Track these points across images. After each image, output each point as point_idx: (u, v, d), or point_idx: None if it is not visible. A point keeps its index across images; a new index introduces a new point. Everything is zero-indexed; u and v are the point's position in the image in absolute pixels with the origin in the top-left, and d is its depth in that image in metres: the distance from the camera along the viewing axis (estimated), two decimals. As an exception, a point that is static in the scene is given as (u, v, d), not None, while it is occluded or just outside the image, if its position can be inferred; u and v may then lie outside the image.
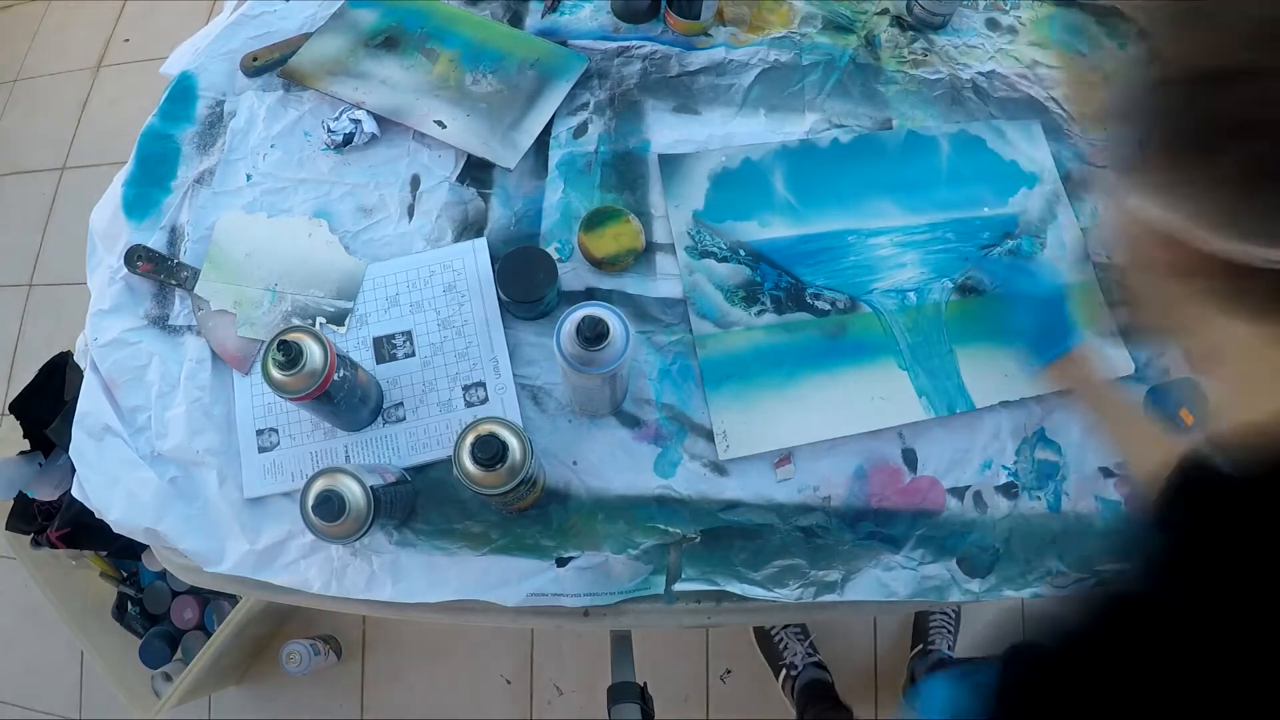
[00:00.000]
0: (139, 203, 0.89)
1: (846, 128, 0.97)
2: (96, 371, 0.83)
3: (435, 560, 0.77)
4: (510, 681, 1.51)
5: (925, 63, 1.02)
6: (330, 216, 0.89)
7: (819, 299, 0.88)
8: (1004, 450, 0.85)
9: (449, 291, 0.86)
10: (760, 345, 0.86)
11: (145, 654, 1.35)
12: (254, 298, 0.85)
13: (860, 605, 0.80)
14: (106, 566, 1.40)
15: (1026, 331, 0.83)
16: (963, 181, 0.95)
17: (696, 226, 0.90)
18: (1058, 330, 0.80)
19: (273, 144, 0.92)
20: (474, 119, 0.93)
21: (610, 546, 0.77)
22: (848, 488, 0.82)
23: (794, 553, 0.79)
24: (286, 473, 0.79)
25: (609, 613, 0.78)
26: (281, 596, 0.79)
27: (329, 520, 0.65)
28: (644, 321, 0.86)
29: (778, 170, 0.93)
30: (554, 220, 0.90)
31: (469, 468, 0.66)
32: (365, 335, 0.84)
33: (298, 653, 1.40)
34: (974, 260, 0.88)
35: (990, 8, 1.07)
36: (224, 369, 0.83)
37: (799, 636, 1.47)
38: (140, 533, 0.78)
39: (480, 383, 0.82)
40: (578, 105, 0.96)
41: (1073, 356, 0.79)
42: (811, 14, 1.03)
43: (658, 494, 0.80)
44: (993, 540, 0.81)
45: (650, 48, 0.99)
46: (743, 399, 0.83)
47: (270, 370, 0.68)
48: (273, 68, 0.96)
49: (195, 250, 0.87)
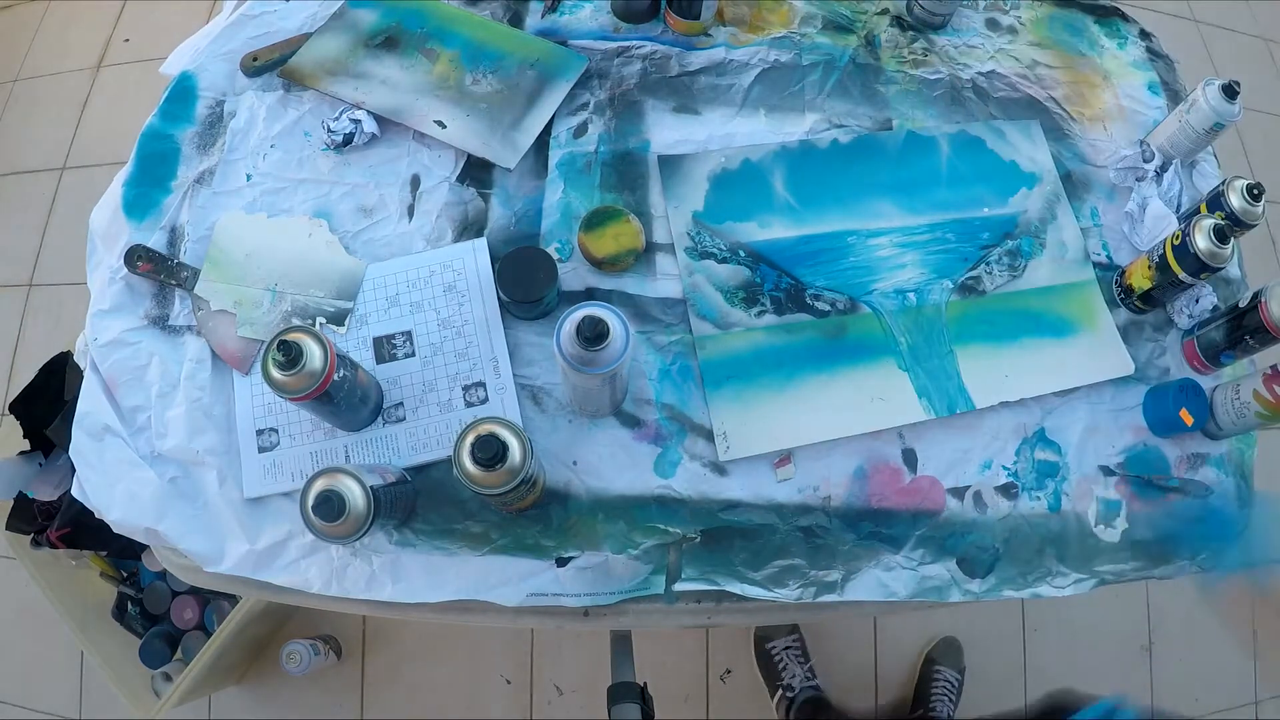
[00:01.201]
0: (139, 203, 0.89)
1: (846, 128, 0.97)
2: (96, 371, 0.83)
3: (435, 560, 0.77)
4: (510, 681, 1.51)
5: (925, 63, 1.02)
6: (330, 216, 0.89)
7: (819, 300, 0.88)
8: (1004, 450, 0.85)
9: (449, 291, 0.86)
10: (760, 346, 0.86)
11: (145, 654, 1.35)
12: (254, 298, 0.85)
13: (860, 605, 0.80)
14: (106, 566, 1.40)
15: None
16: (962, 182, 0.95)
17: (696, 228, 0.90)
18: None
19: (273, 144, 0.92)
20: (474, 119, 0.93)
21: (610, 546, 0.77)
22: (848, 488, 0.82)
23: (794, 553, 0.79)
24: (286, 473, 0.79)
25: (609, 613, 0.78)
26: (281, 596, 0.79)
27: (329, 520, 0.65)
28: (644, 321, 0.86)
29: (777, 171, 0.93)
30: (554, 220, 0.90)
31: (469, 468, 0.66)
32: (365, 335, 0.84)
33: (298, 653, 1.39)
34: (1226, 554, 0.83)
35: (990, 8, 1.07)
36: (224, 369, 0.83)
37: (799, 659, 1.46)
38: (140, 533, 0.78)
39: (480, 383, 0.82)
40: (578, 105, 0.96)
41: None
42: (811, 14, 1.03)
43: (658, 494, 0.80)
44: (993, 540, 0.81)
45: (650, 48, 0.99)
46: (743, 400, 0.83)
47: (270, 370, 0.68)
48: (273, 68, 0.96)
49: (195, 250, 0.87)
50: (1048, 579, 0.81)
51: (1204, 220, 0.82)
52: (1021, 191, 0.95)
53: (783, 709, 1.43)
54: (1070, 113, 1.01)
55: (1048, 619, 1.56)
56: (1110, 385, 0.88)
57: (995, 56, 1.03)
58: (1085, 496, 0.84)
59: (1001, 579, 0.80)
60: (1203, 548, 0.82)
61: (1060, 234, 0.94)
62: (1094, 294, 0.92)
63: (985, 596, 0.80)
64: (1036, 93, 1.02)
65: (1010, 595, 0.80)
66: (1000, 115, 1.00)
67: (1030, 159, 0.97)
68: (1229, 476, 0.86)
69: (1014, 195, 0.95)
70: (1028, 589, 0.80)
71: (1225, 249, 0.81)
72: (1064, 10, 1.08)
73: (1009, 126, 0.99)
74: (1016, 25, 1.06)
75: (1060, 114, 1.01)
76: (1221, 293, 0.92)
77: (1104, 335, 0.90)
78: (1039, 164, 0.97)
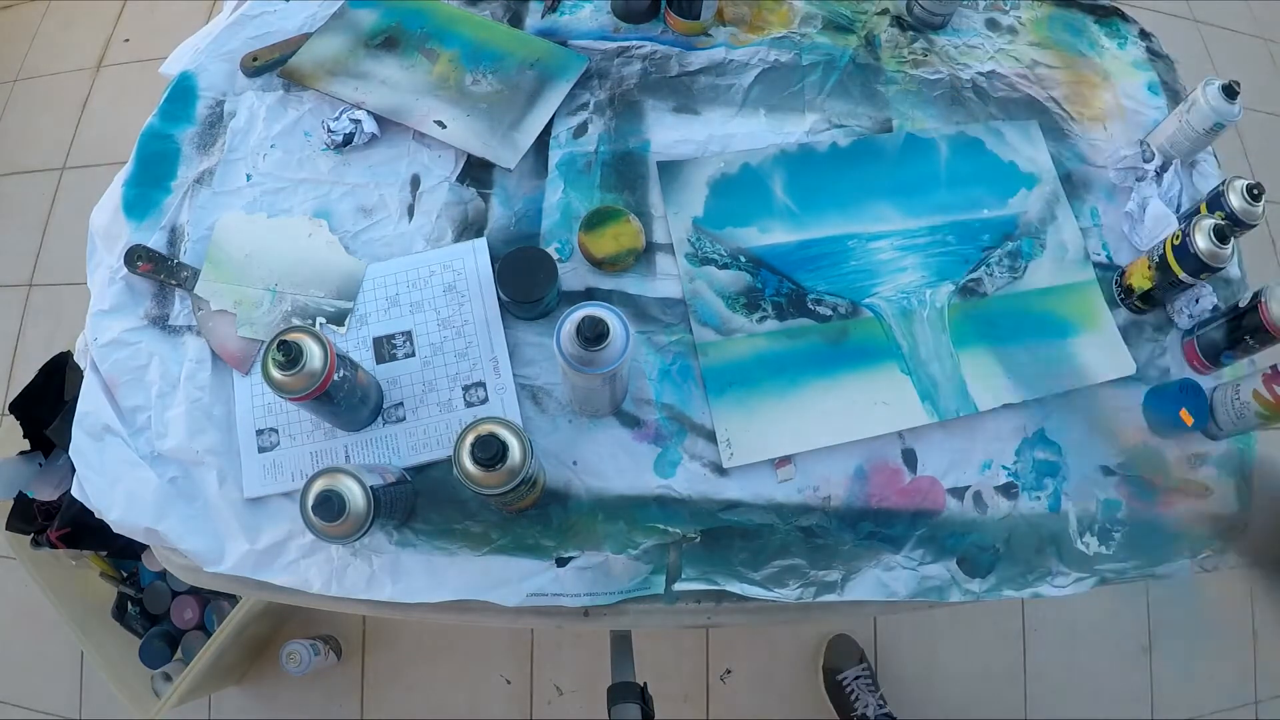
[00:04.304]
0: (139, 203, 0.89)
1: (846, 128, 0.97)
2: (96, 371, 0.83)
3: (435, 560, 0.77)
4: (510, 681, 1.51)
5: (925, 63, 1.02)
6: (330, 216, 0.89)
7: (820, 304, 0.88)
8: (1004, 450, 0.85)
9: (449, 291, 0.86)
10: (762, 352, 0.86)
11: (145, 654, 1.35)
12: (254, 298, 0.85)
13: (860, 605, 0.80)
14: (106, 566, 1.40)
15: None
16: (962, 184, 0.95)
17: (696, 233, 0.90)
18: None
19: (273, 144, 0.92)
20: (474, 119, 0.93)
21: (610, 546, 0.77)
22: (848, 488, 0.82)
23: (794, 553, 0.79)
24: (286, 473, 0.79)
25: (609, 613, 0.78)
26: (281, 596, 0.79)
27: (329, 520, 0.65)
28: (644, 321, 0.86)
29: (777, 176, 0.93)
30: (554, 220, 0.90)
31: (469, 468, 0.66)
32: (365, 335, 0.84)
33: (298, 653, 1.39)
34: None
35: (990, 8, 1.07)
36: (224, 369, 0.83)
37: (870, 688, 1.46)
38: (140, 533, 0.78)
39: (480, 383, 0.82)
40: (578, 105, 0.96)
41: None
42: (811, 14, 1.03)
43: (658, 494, 0.80)
44: (993, 540, 0.81)
45: (650, 48, 0.99)
46: (746, 406, 0.83)
47: (270, 370, 0.68)
48: (273, 68, 0.96)
49: (195, 250, 0.87)
50: (1048, 579, 0.81)
51: (1204, 220, 0.82)
52: (1021, 192, 0.95)
53: None
54: (1070, 113, 1.01)
55: (1048, 619, 1.56)
56: (1110, 385, 0.88)
57: (995, 56, 1.03)
58: (1085, 497, 0.84)
59: (1001, 579, 0.80)
60: (1202, 546, 0.82)
61: (1060, 234, 0.94)
62: (1095, 294, 0.92)
63: (985, 596, 0.80)
64: (1036, 93, 1.02)
65: (1010, 595, 0.80)
66: (1000, 115, 1.00)
67: (1029, 160, 0.97)
68: (1229, 476, 0.86)
69: (1013, 196, 0.95)
70: (1028, 589, 0.80)
71: (1225, 249, 0.81)
72: (1064, 10, 1.08)
73: (1007, 127, 0.99)
74: (1016, 25, 1.06)
75: (1060, 114, 1.01)
76: (1221, 293, 0.92)
77: (1105, 335, 0.90)
78: (1038, 164, 0.97)
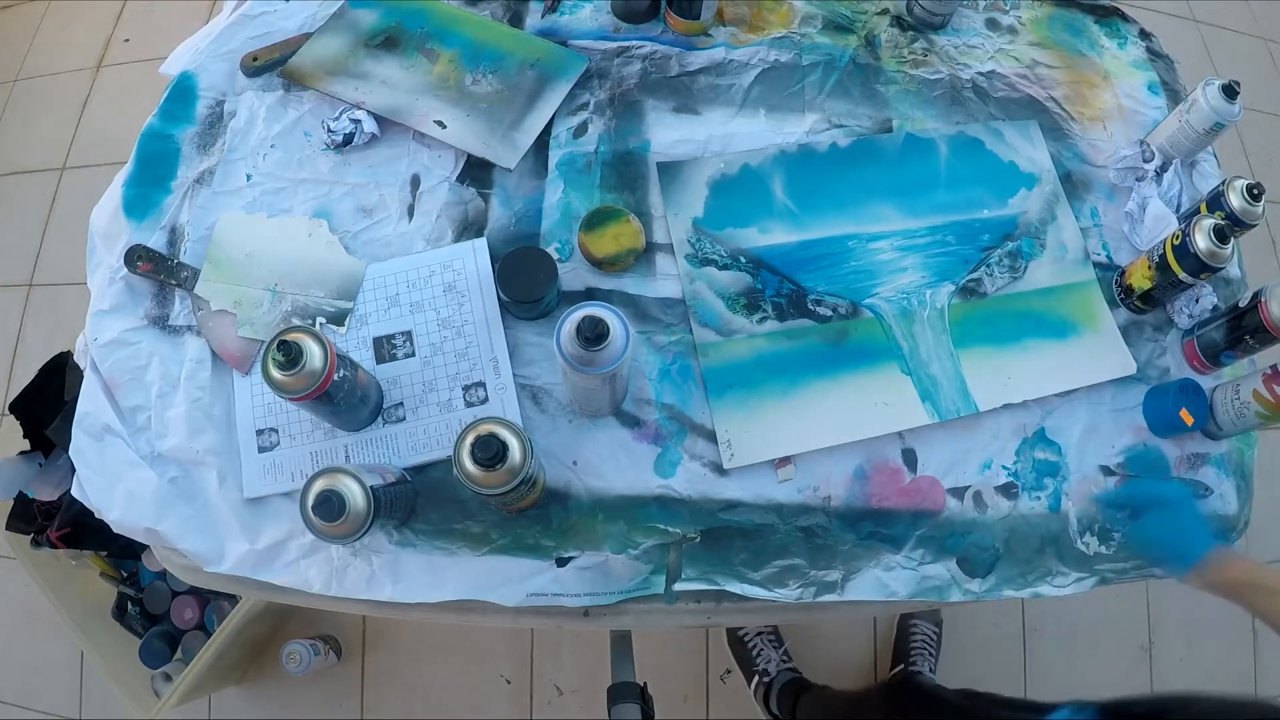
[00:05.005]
0: (139, 203, 0.89)
1: (846, 128, 0.97)
2: (96, 371, 0.83)
3: (435, 560, 0.77)
4: (510, 681, 1.51)
5: (925, 63, 1.02)
6: (330, 216, 0.89)
7: (820, 305, 0.88)
8: (1004, 450, 0.85)
9: (449, 291, 0.86)
10: (763, 353, 0.85)
11: (145, 654, 1.35)
12: (254, 298, 0.85)
13: (860, 605, 0.80)
14: (106, 566, 1.40)
15: (1164, 544, 0.78)
16: (962, 184, 0.95)
17: (696, 234, 0.90)
18: (1192, 537, 0.76)
19: (273, 144, 0.92)
20: (474, 119, 0.93)
21: (610, 546, 0.77)
22: (848, 488, 0.82)
23: (794, 553, 0.79)
24: (286, 473, 0.79)
25: (609, 613, 0.78)
26: (281, 596, 0.79)
27: (329, 520, 0.65)
28: (644, 321, 0.86)
29: (777, 176, 0.93)
30: (554, 220, 0.90)
31: (469, 468, 0.66)
32: (365, 335, 0.84)
33: (298, 653, 1.39)
34: (1100, 497, 0.83)
35: (990, 8, 1.07)
36: (224, 369, 0.83)
37: (773, 643, 1.46)
38: (140, 533, 0.78)
39: (480, 383, 0.82)
40: (578, 105, 0.96)
41: (1212, 563, 0.74)
42: (811, 14, 1.03)
43: (658, 494, 0.80)
44: (993, 540, 0.81)
45: (650, 48, 0.99)
46: (746, 407, 0.83)
47: (270, 370, 0.68)
48: (273, 68, 0.96)
49: (195, 250, 0.87)
50: (1048, 579, 0.81)
51: (1204, 220, 0.82)
52: (1021, 192, 0.95)
53: (760, 694, 1.43)
54: (1070, 113, 1.01)
55: (1048, 619, 1.56)
56: (1110, 385, 0.88)
57: (995, 56, 1.03)
58: (1085, 497, 0.84)
59: (1001, 579, 0.80)
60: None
61: (1060, 234, 0.94)
62: (1095, 294, 0.91)
63: (985, 596, 0.80)
64: (1036, 93, 1.02)
65: (1010, 595, 0.80)
66: (1000, 115, 1.00)
67: (1029, 159, 0.97)
68: (1229, 476, 0.86)
69: (1013, 196, 0.95)
70: (1028, 589, 0.80)
71: (1225, 249, 0.81)
72: (1064, 10, 1.08)
73: (1007, 127, 0.99)
74: (1016, 25, 1.06)
75: (1060, 114, 1.01)
76: (1221, 293, 0.92)
77: (1106, 335, 0.90)
78: (1038, 164, 0.97)
